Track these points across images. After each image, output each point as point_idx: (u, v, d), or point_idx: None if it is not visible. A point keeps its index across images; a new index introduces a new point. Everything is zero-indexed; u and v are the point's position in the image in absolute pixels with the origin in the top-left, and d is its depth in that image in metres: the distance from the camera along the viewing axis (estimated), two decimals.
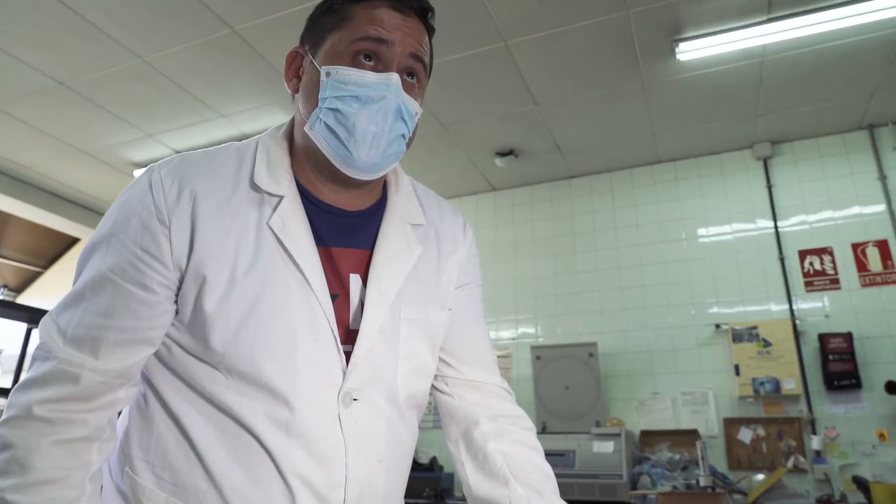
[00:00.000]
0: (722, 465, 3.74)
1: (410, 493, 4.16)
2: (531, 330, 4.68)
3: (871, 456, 3.53)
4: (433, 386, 0.92)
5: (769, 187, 4.32)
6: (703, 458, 2.37)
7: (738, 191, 4.41)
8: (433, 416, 4.76)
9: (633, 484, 3.46)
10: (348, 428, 0.77)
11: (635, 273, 4.48)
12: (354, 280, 0.84)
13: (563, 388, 4.05)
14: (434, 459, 4.44)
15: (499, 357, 1.12)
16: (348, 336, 0.81)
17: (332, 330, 0.79)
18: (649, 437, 3.93)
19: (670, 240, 4.47)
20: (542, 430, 3.93)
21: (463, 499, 4.17)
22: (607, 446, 3.54)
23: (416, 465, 4.42)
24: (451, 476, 4.42)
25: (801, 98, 3.91)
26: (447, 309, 0.90)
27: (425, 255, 0.90)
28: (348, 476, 0.75)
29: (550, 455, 3.02)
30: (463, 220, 1.01)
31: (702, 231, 4.42)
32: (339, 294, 0.82)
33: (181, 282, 0.77)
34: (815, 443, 3.58)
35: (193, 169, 0.81)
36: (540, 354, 4.19)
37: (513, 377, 4.50)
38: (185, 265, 0.77)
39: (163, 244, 0.76)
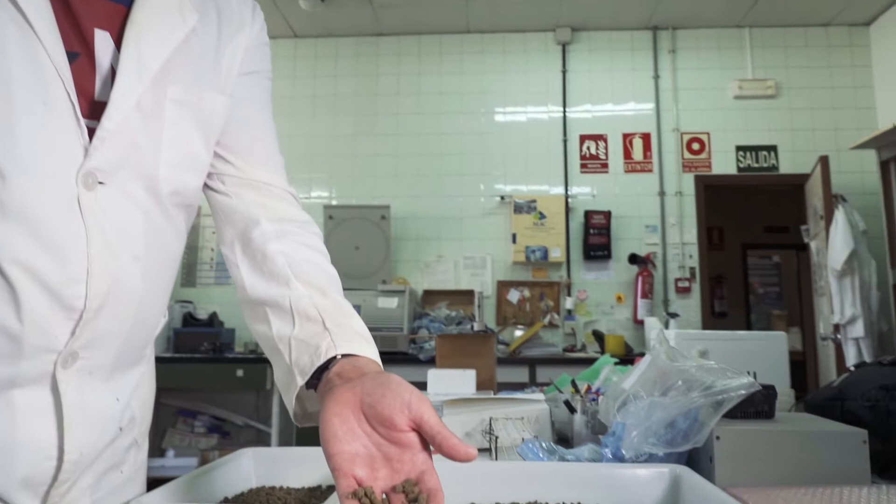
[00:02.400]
0: (491, 322, 4.15)
1: (189, 348, 4.02)
2: (325, 192, 4.57)
3: (608, 314, 4.18)
4: (207, 186, 0.80)
5: (564, 72, 4.56)
6: (479, 308, 2.60)
7: (537, 72, 4.59)
8: (215, 273, 4.55)
9: (413, 336, 3.70)
10: (91, 214, 0.63)
11: (433, 141, 4.53)
12: (102, 38, 0.66)
13: (354, 248, 4.08)
14: (214, 315, 4.29)
15: None
16: (94, 110, 0.65)
17: (69, 94, 0.62)
18: (431, 296, 4.19)
19: (470, 112, 4.56)
20: None
21: (244, 353, 4.14)
22: (391, 302, 3.70)
23: (195, 321, 4.23)
24: (231, 331, 4.33)
25: None
26: (227, 94, 0.77)
27: (202, 30, 0.74)
28: (91, 269, 0.62)
29: None
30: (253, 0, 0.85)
31: (499, 108, 4.57)
32: (79, 53, 0.64)
33: None
34: (568, 303, 4.13)
35: None
36: (333, 214, 4.14)
37: None
38: None
39: None
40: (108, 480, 0.72)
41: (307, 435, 3.62)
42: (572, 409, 1.38)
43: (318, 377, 0.62)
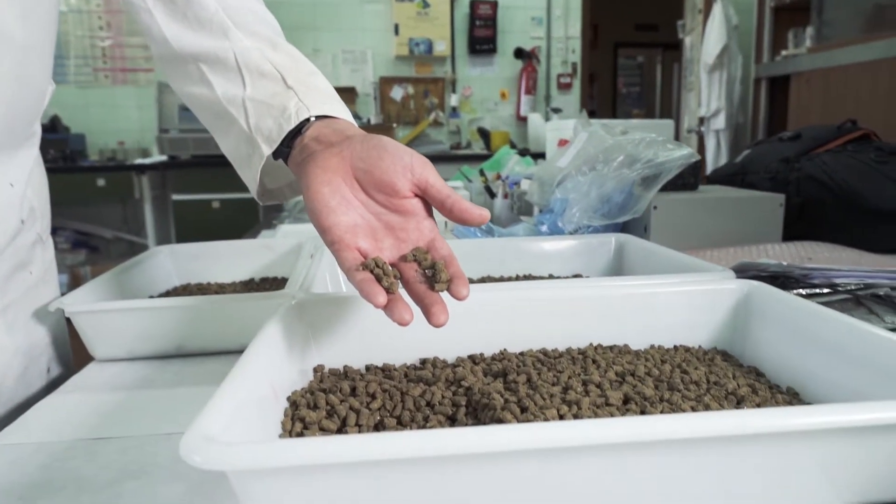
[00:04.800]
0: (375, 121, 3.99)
1: None
2: None
3: (493, 111, 4.16)
4: None
5: None
6: (375, 99, 2.45)
7: None
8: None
9: None
10: None
11: None
12: None
13: None
14: (56, 119, 3.75)
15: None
16: None
17: None
18: None
19: None
20: None
21: (102, 161, 3.72)
22: None
23: None
24: (81, 137, 3.84)
25: None
26: None
27: None
28: None
29: None
30: None
31: None
32: None
33: None
34: (453, 100, 4.03)
35: None
36: None
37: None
38: None
39: None
40: (17, 282, 0.61)
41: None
42: (493, 194, 1.38)
43: (288, 145, 0.52)
